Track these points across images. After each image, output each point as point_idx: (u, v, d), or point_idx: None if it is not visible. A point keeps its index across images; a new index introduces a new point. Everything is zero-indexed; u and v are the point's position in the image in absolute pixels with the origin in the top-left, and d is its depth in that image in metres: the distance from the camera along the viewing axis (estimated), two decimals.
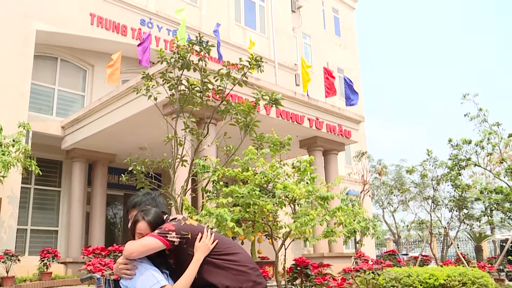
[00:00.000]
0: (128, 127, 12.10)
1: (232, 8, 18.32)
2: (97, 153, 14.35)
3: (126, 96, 11.45)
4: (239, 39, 18.07)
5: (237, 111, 7.32)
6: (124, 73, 14.88)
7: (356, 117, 14.27)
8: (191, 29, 15.86)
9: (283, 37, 19.86)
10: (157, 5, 15.90)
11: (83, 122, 13.10)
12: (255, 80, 10.87)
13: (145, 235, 2.74)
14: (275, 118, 11.62)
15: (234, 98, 10.05)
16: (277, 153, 7.04)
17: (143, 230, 2.77)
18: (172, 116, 8.97)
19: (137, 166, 7.53)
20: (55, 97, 14.59)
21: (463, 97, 20.02)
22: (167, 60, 7.66)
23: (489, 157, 20.77)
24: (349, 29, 27.85)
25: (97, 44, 14.77)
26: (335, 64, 25.72)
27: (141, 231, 2.78)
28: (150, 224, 2.78)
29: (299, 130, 12.71)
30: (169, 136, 7.54)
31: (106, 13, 14.56)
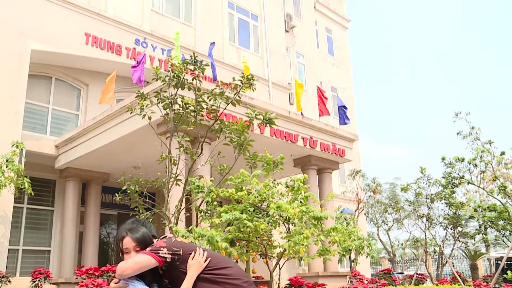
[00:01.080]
0: (122, 146, 12.09)
1: (226, 28, 18.50)
2: (90, 172, 14.30)
3: (120, 115, 11.46)
4: (233, 58, 18.21)
5: (231, 130, 7.35)
6: (119, 92, 14.92)
7: (349, 135, 14.33)
8: (185, 49, 15.98)
9: (277, 57, 20.03)
10: (151, 25, 16.03)
11: (77, 141, 13.08)
12: (249, 99, 10.92)
13: (133, 251, 2.75)
14: (269, 137, 11.65)
15: (228, 117, 10.09)
16: (270, 172, 7.06)
17: (128, 245, 2.77)
18: (166, 135, 8.99)
19: (131, 186, 7.51)
20: (49, 116, 14.58)
21: (456, 115, 20.21)
22: (162, 78, 7.71)
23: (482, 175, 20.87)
24: (342, 48, 28.14)
25: (91, 64, 14.83)
26: (329, 83, 25.91)
27: (126, 245, 2.78)
28: (137, 240, 2.78)
29: (293, 149, 12.75)
30: (163, 155, 7.55)
31: (101, 32, 14.66)
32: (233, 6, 19.18)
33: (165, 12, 16.82)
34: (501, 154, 20.31)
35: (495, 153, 19.91)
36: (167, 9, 16.96)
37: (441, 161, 20.74)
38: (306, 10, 24.50)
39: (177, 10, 17.29)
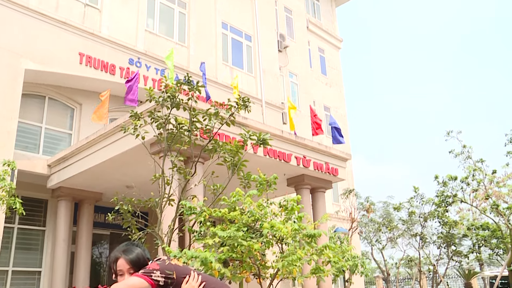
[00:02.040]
0: (115, 166, 12.06)
1: (220, 48, 18.64)
2: (83, 191, 14.22)
3: (113, 134, 11.46)
4: (226, 78, 18.32)
5: (225, 150, 7.38)
6: (112, 111, 14.93)
7: (343, 155, 14.39)
8: (179, 69, 16.06)
9: (270, 76, 20.16)
10: (145, 45, 16.13)
11: (70, 160, 13.03)
12: (243, 119, 10.97)
13: (126, 273, 2.74)
14: (263, 157, 11.67)
15: (221, 137, 10.11)
16: (264, 192, 7.07)
17: (122, 267, 2.75)
18: (159, 155, 8.99)
19: (124, 205, 7.49)
20: (42, 136, 14.54)
21: (447, 134, 20.37)
22: (156, 99, 7.75)
23: (475, 193, 20.96)
24: (335, 68, 28.39)
25: (85, 83, 14.86)
26: (322, 102, 26.08)
27: (120, 267, 2.75)
28: (131, 262, 2.76)
29: (287, 168, 12.76)
30: (157, 175, 7.54)
31: (95, 52, 14.72)
32: (226, 26, 19.36)
33: (159, 32, 16.94)
34: (492, 172, 20.44)
35: (487, 172, 20.07)
36: (161, 29, 17.09)
37: (434, 180, 20.85)
38: (299, 30, 24.77)
39: (171, 30, 17.42)
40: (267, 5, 21.52)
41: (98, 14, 15.33)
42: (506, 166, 20.17)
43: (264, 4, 21.02)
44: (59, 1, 14.49)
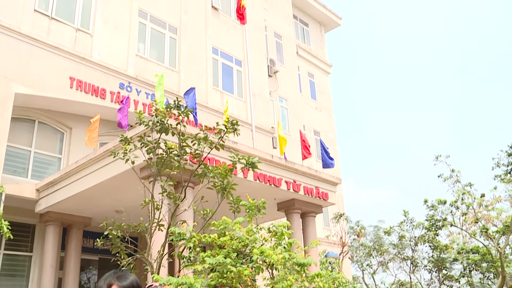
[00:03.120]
0: (104, 190, 11.99)
1: (210, 73, 18.78)
2: (72, 216, 14.08)
3: (103, 159, 11.42)
4: (217, 102, 18.42)
5: (214, 174, 7.39)
6: (102, 135, 14.91)
7: (333, 179, 14.42)
8: (169, 93, 16.15)
9: (260, 101, 20.31)
10: (136, 69, 16.22)
11: (59, 184, 12.94)
12: (232, 143, 11.00)
13: None
14: (253, 181, 11.67)
15: (211, 162, 10.12)
16: (253, 217, 7.06)
17: None
18: (149, 179, 8.97)
19: (113, 231, 7.44)
20: (31, 160, 14.45)
21: (436, 158, 20.57)
22: (146, 123, 7.77)
23: (464, 217, 21.06)
24: (325, 92, 28.67)
25: (75, 107, 14.86)
26: (312, 127, 26.25)
27: None
28: None
29: (277, 193, 12.76)
30: (146, 200, 7.52)
31: (86, 76, 14.77)
32: (217, 52, 19.56)
33: (150, 57, 17.06)
34: (481, 196, 20.61)
35: (475, 195, 20.23)
36: (152, 54, 17.22)
37: (424, 204, 20.95)
38: (289, 55, 25.07)
39: (162, 55, 17.56)
40: (257, 31, 21.80)
41: (90, 38, 15.44)
42: (494, 189, 20.36)
43: (254, 30, 21.30)
44: (51, 26, 14.59)
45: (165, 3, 18.21)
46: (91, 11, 15.77)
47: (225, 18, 20.66)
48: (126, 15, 16.60)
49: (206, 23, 19.47)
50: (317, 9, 29.44)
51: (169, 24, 18.07)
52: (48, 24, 14.55)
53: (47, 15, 14.60)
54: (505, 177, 18.85)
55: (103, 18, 15.90)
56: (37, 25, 14.22)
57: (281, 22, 25.33)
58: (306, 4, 28.81)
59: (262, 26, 22.45)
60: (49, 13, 14.66)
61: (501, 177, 19.00)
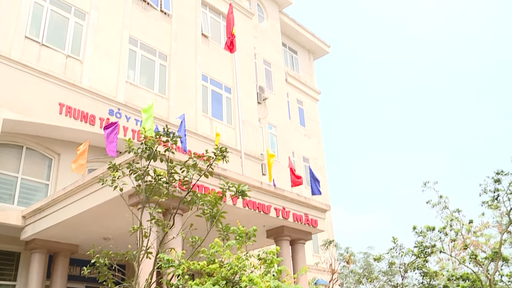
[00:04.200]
0: (92, 217, 11.88)
1: (200, 100, 18.89)
2: (58, 243, 13.87)
3: (91, 185, 11.35)
4: (206, 129, 18.48)
5: (204, 202, 7.37)
6: (91, 162, 14.85)
7: (322, 206, 14.43)
8: (159, 120, 16.19)
9: (250, 128, 20.40)
10: (126, 96, 16.26)
11: (46, 211, 12.79)
12: (222, 170, 11.01)
13: None
14: (242, 208, 11.65)
15: (200, 189, 10.11)
16: (243, 244, 7.03)
17: None
18: (137, 206, 8.92)
19: (100, 258, 7.35)
20: (17, 186, 14.31)
21: (424, 184, 20.66)
22: (135, 150, 7.77)
23: (453, 243, 21.09)
24: (314, 119, 28.89)
25: (64, 133, 14.82)
26: (301, 154, 26.35)
27: None
28: None
29: (266, 219, 12.73)
30: (134, 227, 7.46)
31: (75, 102, 14.77)
32: (206, 79, 19.71)
33: (140, 84, 17.15)
34: (469, 222, 20.70)
35: (464, 221, 20.30)
36: (142, 81, 17.31)
37: (413, 230, 20.96)
38: (278, 82, 25.34)
39: (152, 81, 17.66)
40: (247, 58, 22.05)
41: (80, 65, 15.50)
42: (482, 215, 20.46)
43: (243, 57, 21.54)
44: (41, 52, 14.65)
45: (155, 31, 18.40)
46: (81, 38, 15.89)
47: (215, 45, 20.89)
48: (116, 42, 16.73)
49: (196, 50, 19.67)
50: (306, 37, 29.89)
51: (159, 51, 18.23)
52: (39, 51, 14.61)
53: (38, 42, 14.67)
54: (492, 203, 18.96)
55: (93, 45, 16.01)
56: (27, 51, 14.27)
57: (270, 50, 25.67)
58: (295, 32, 29.26)
59: (251, 54, 22.72)
60: (40, 39, 14.74)
61: (488, 203, 19.11)
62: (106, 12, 16.80)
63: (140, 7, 18.19)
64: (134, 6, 17.88)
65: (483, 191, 19.09)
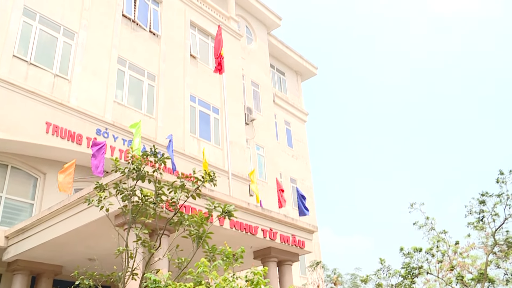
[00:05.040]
0: (77, 238, 11.74)
1: (188, 120, 18.92)
2: (42, 264, 13.64)
3: (77, 205, 11.25)
4: (193, 150, 18.47)
5: (190, 222, 7.35)
6: (77, 181, 14.73)
7: (309, 227, 14.42)
8: (146, 140, 16.16)
9: (237, 149, 20.43)
10: (114, 116, 16.24)
11: (30, 231, 12.61)
12: (209, 191, 11.00)
13: None
14: (229, 229, 11.61)
15: (187, 209, 10.07)
16: (230, 265, 7.00)
17: None
18: (124, 227, 8.85)
19: (85, 280, 7.27)
20: (1, 205, 14.12)
21: (411, 206, 20.77)
22: (122, 170, 7.75)
23: (440, 264, 21.13)
24: (301, 140, 29.02)
25: (50, 152, 14.71)
26: (288, 174, 26.38)
27: None
28: None
29: (253, 241, 12.68)
30: (120, 248, 7.40)
31: (62, 122, 14.71)
32: (194, 99, 19.78)
33: (128, 104, 17.15)
34: (455, 243, 20.77)
35: (450, 243, 20.38)
36: (130, 101, 17.32)
37: (400, 251, 20.98)
38: (266, 103, 25.49)
39: (140, 102, 17.67)
40: (235, 79, 22.20)
41: (68, 84, 15.49)
42: (468, 236, 20.56)
43: (232, 78, 21.69)
44: (29, 71, 14.63)
45: (144, 51, 18.49)
46: (70, 57, 15.90)
47: (203, 66, 21.03)
48: (105, 62, 16.77)
49: (184, 71, 19.78)
50: (294, 59, 30.21)
51: (147, 71, 18.30)
52: (27, 70, 14.59)
53: (26, 61, 14.67)
54: (477, 224, 19.08)
55: (82, 65, 16.03)
56: (15, 70, 14.25)
57: (259, 71, 25.88)
58: (283, 54, 29.56)
59: (239, 75, 22.89)
60: (28, 58, 14.73)
61: (474, 224, 19.22)
62: (95, 32, 16.87)
63: (129, 27, 18.30)
64: (123, 26, 17.98)
65: (469, 212, 19.21)
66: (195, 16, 21.55)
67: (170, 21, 20.10)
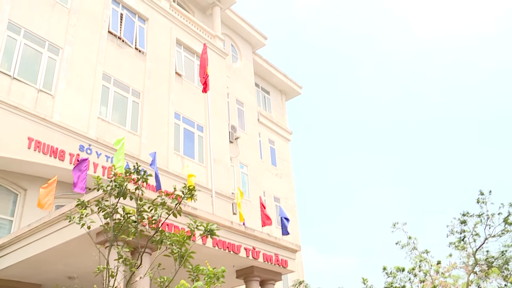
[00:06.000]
0: (57, 255, 11.56)
1: (172, 137, 18.89)
2: (19, 283, 13.34)
3: (58, 222, 11.10)
4: (177, 167, 18.41)
5: (172, 241, 7.28)
6: (59, 198, 14.54)
7: (292, 246, 14.40)
8: (130, 157, 16.08)
9: (221, 167, 20.41)
10: (97, 132, 16.15)
11: (8, 249, 12.38)
12: (192, 209, 10.95)
13: None
14: (211, 248, 11.54)
15: (170, 227, 10.01)
16: (212, 285, 6.95)
17: None
18: (105, 245, 8.76)
19: None
20: None
21: (393, 225, 20.90)
22: (104, 187, 7.68)
23: (422, 284, 21.20)
24: (285, 159, 29.10)
25: (32, 168, 14.55)
26: (272, 193, 26.38)
27: None
28: None
29: (236, 260, 12.62)
30: (101, 266, 7.30)
31: (45, 137, 14.57)
32: (179, 117, 19.78)
33: (112, 120, 17.08)
34: (437, 263, 20.90)
35: (432, 262, 20.50)
36: (114, 117, 17.25)
37: (383, 271, 21.03)
38: (250, 122, 25.58)
39: (124, 118, 17.62)
40: (220, 97, 22.28)
41: (51, 100, 15.39)
42: (449, 256, 20.72)
43: (216, 96, 21.76)
44: (12, 86, 14.53)
45: (129, 68, 18.50)
46: (54, 73, 15.84)
47: (188, 84, 21.09)
48: (89, 78, 16.73)
49: (169, 89, 19.80)
50: (278, 78, 30.44)
51: (132, 88, 18.28)
52: (10, 84, 14.49)
53: (9, 75, 14.57)
54: (458, 244, 19.27)
55: (66, 80, 15.96)
56: None
57: (243, 90, 26.01)
58: (268, 73, 29.78)
59: (224, 93, 22.98)
60: (12, 73, 14.64)
61: (455, 244, 19.41)
62: (81, 48, 16.85)
63: (115, 44, 18.33)
64: (109, 43, 18.00)
65: (450, 232, 19.40)
66: (181, 34, 21.66)
67: (156, 39, 20.18)
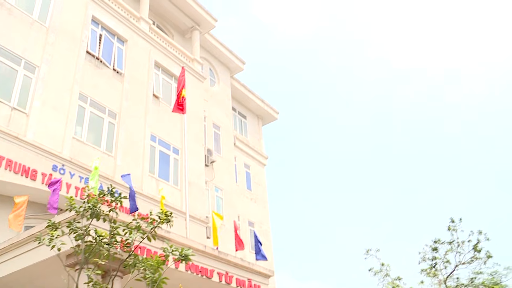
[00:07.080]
0: (25, 278, 11.25)
1: (147, 159, 18.76)
2: None
3: (27, 243, 10.84)
4: (152, 190, 18.25)
5: (145, 266, 7.23)
6: (29, 218, 14.21)
7: (265, 271, 14.33)
8: (104, 178, 15.88)
9: (196, 190, 20.32)
10: (72, 152, 15.93)
11: None
12: (165, 232, 10.85)
13: None
14: (184, 272, 11.41)
15: (142, 251, 9.88)
16: None
17: None
18: (75, 267, 8.60)
19: None
20: None
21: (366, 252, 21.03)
22: (76, 208, 7.60)
23: None
24: (260, 184, 29.13)
25: (2, 188, 14.22)
26: (246, 217, 26.30)
27: None
28: None
29: (209, 284, 12.48)
30: None
31: (17, 156, 14.31)
32: (155, 139, 19.70)
33: (87, 141, 16.90)
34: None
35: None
36: (89, 138, 17.07)
37: None
38: (226, 146, 25.61)
39: (99, 139, 17.45)
40: (196, 121, 22.30)
41: (25, 118, 15.17)
42: (421, 283, 20.90)
43: (193, 120, 21.78)
44: None
45: (106, 89, 18.42)
46: (30, 91, 15.65)
47: (165, 106, 21.07)
48: (66, 97, 16.57)
49: (146, 110, 19.76)
50: (255, 103, 30.65)
51: (108, 109, 18.17)
52: None
53: None
54: (430, 271, 19.46)
55: (42, 99, 15.78)
56: None
57: (220, 114, 26.11)
58: (245, 97, 29.99)
59: (201, 116, 23.02)
60: None
61: (427, 271, 19.60)
62: (58, 67, 16.73)
63: (93, 64, 18.27)
64: (86, 62, 17.93)
65: (422, 259, 19.61)
66: (160, 57, 21.74)
67: (134, 60, 20.19)
